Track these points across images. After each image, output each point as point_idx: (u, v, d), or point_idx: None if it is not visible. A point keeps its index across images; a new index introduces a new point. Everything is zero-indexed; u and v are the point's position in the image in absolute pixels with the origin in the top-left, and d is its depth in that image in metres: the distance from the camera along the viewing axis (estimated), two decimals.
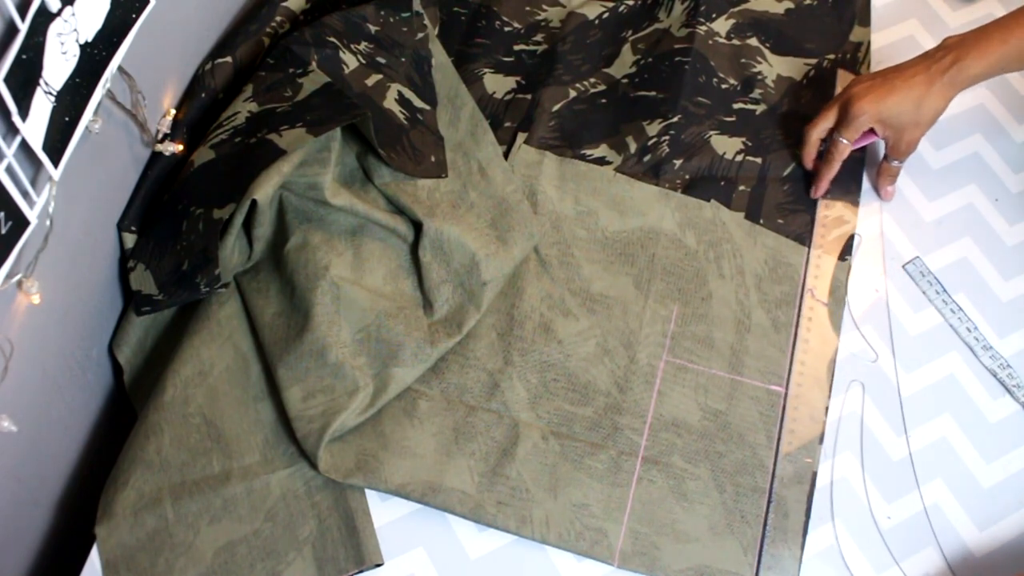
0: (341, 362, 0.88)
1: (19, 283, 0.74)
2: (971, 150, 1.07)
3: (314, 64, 0.97)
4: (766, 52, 1.10)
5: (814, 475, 0.91)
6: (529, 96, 1.06)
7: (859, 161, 1.04)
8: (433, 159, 0.99)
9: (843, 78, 1.08)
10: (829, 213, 1.02)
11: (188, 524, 0.86)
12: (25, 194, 0.69)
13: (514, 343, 0.94)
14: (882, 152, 1.02)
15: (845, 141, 0.97)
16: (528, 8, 1.12)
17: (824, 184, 1.01)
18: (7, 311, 0.75)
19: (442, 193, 0.97)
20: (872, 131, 0.98)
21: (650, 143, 1.04)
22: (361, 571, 0.85)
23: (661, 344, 0.95)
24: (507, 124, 1.05)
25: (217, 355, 0.91)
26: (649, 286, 0.97)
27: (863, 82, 0.96)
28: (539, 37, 1.11)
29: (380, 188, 0.95)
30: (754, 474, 0.90)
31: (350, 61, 0.99)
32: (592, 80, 1.08)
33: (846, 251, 1.00)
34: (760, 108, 1.07)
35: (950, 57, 0.92)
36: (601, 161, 1.03)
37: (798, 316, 0.97)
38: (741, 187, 1.03)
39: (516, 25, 1.11)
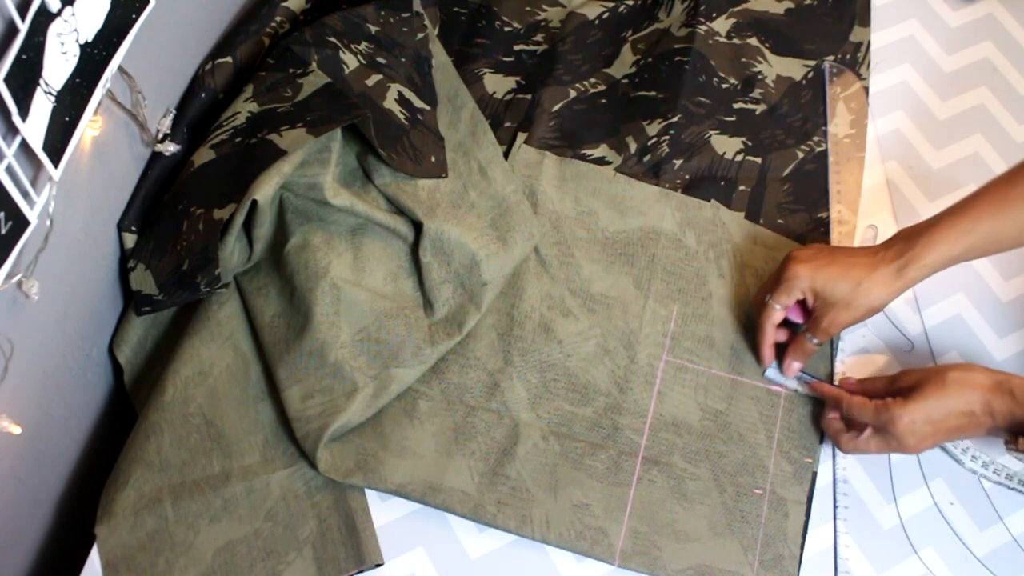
0: (340, 362, 0.88)
1: (19, 283, 0.74)
2: (971, 150, 1.07)
3: (314, 64, 0.97)
4: (766, 52, 1.10)
5: (814, 475, 0.91)
6: (529, 96, 1.06)
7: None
8: (433, 159, 0.99)
9: (844, 77, 1.09)
10: (829, 214, 1.02)
11: (188, 524, 0.86)
12: (25, 194, 0.69)
13: (514, 343, 0.94)
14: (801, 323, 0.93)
15: (777, 306, 0.90)
16: (528, 8, 1.12)
17: (767, 352, 0.92)
18: (7, 311, 0.75)
19: (442, 193, 0.97)
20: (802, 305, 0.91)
21: (650, 143, 1.04)
22: (361, 571, 0.85)
23: (661, 344, 0.95)
24: (507, 124, 1.05)
25: (217, 355, 0.91)
26: (649, 286, 0.97)
27: (806, 249, 0.90)
28: (539, 37, 1.11)
29: (380, 188, 0.95)
30: (754, 474, 0.90)
31: (350, 61, 0.99)
32: (592, 80, 1.08)
33: None
34: (760, 108, 1.07)
35: (900, 246, 0.85)
36: (601, 161, 1.03)
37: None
38: (741, 187, 1.03)
39: (516, 25, 1.11)
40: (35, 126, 0.68)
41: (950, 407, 0.83)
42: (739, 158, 1.04)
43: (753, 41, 1.10)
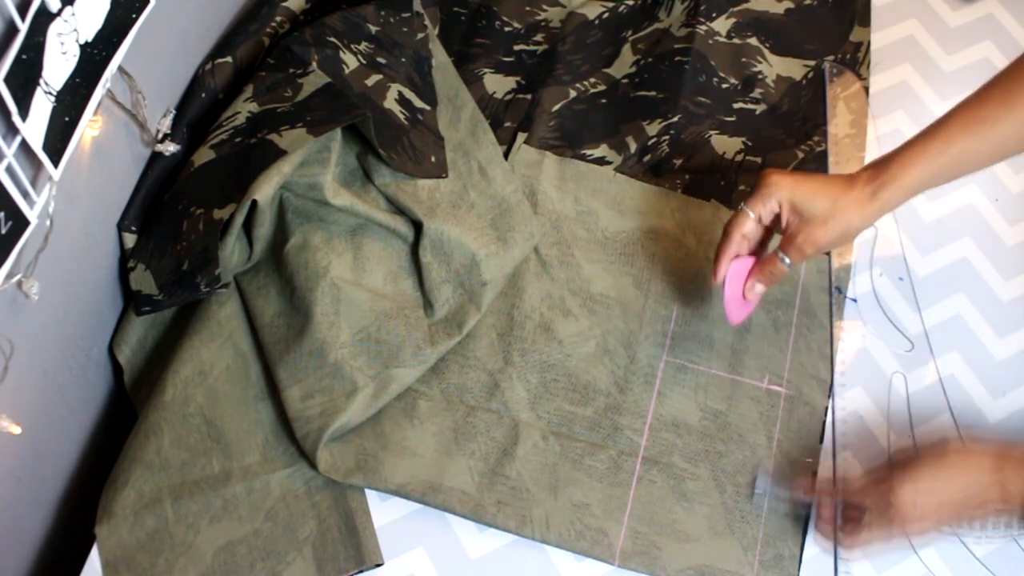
0: (340, 362, 0.88)
1: (19, 283, 0.74)
2: None
3: (314, 64, 0.97)
4: (766, 52, 1.10)
5: (814, 475, 0.91)
6: (529, 96, 1.06)
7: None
8: (433, 159, 0.99)
9: (844, 78, 1.09)
10: None
11: (188, 524, 0.86)
12: (25, 194, 0.69)
13: (514, 343, 0.94)
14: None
15: (751, 213, 0.85)
16: (528, 8, 1.12)
17: (723, 264, 0.87)
18: (7, 311, 0.75)
19: (442, 193, 0.97)
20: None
21: (650, 143, 1.04)
22: (361, 571, 0.85)
23: (661, 344, 0.95)
24: (507, 124, 1.05)
25: (217, 355, 0.91)
26: (649, 286, 0.97)
27: (782, 172, 0.86)
28: (539, 37, 1.11)
29: (380, 188, 0.95)
30: (754, 474, 0.90)
31: (350, 61, 0.99)
32: (592, 80, 1.08)
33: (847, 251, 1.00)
34: (760, 108, 1.07)
35: (873, 170, 0.84)
36: (601, 161, 1.03)
37: (825, 316, 0.97)
38: (741, 187, 1.03)
39: (516, 25, 1.11)
40: (35, 126, 0.68)
41: (954, 478, 0.79)
42: (739, 158, 1.04)
43: (753, 41, 1.10)
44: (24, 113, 0.66)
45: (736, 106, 1.07)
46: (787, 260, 0.86)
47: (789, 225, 0.85)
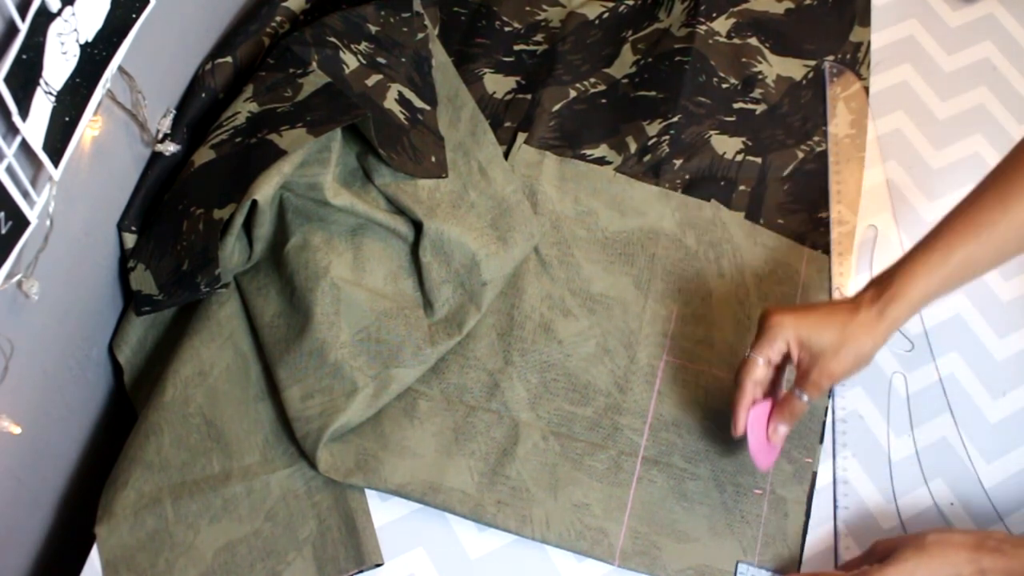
0: (340, 362, 0.88)
1: (19, 283, 0.74)
2: (971, 150, 1.07)
3: (314, 64, 0.97)
4: (766, 52, 1.10)
5: (814, 475, 0.91)
6: (529, 96, 1.06)
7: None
8: (433, 159, 0.99)
9: (844, 78, 1.09)
10: (829, 214, 1.02)
11: (188, 524, 0.86)
12: (25, 194, 0.69)
13: (514, 343, 0.94)
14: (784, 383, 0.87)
15: (760, 359, 0.83)
16: (528, 8, 1.12)
17: (742, 414, 0.84)
18: (7, 311, 0.75)
19: (442, 193, 0.97)
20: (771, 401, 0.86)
21: (650, 143, 1.04)
22: (361, 571, 0.85)
23: (661, 344, 0.95)
24: (507, 124, 1.05)
25: (217, 355, 0.91)
26: (649, 286, 0.97)
27: (779, 306, 0.85)
28: (539, 37, 1.11)
29: (380, 188, 0.95)
30: (754, 474, 0.90)
31: (350, 61, 0.99)
32: (592, 80, 1.08)
33: (846, 250, 1.00)
34: (760, 108, 1.07)
35: (877, 288, 0.81)
36: (601, 161, 1.03)
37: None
38: (741, 187, 1.03)
39: (516, 25, 1.11)
40: (35, 126, 0.68)
41: (934, 570, 0.78)
42: (739, 158, 1.04)
43: (753, 41, 1.10)
44: (24, 113, 0.66)
45: (736, 106, 1.07)
46: (805, 397, 0.83)
47: (801, 362, 0.82)
